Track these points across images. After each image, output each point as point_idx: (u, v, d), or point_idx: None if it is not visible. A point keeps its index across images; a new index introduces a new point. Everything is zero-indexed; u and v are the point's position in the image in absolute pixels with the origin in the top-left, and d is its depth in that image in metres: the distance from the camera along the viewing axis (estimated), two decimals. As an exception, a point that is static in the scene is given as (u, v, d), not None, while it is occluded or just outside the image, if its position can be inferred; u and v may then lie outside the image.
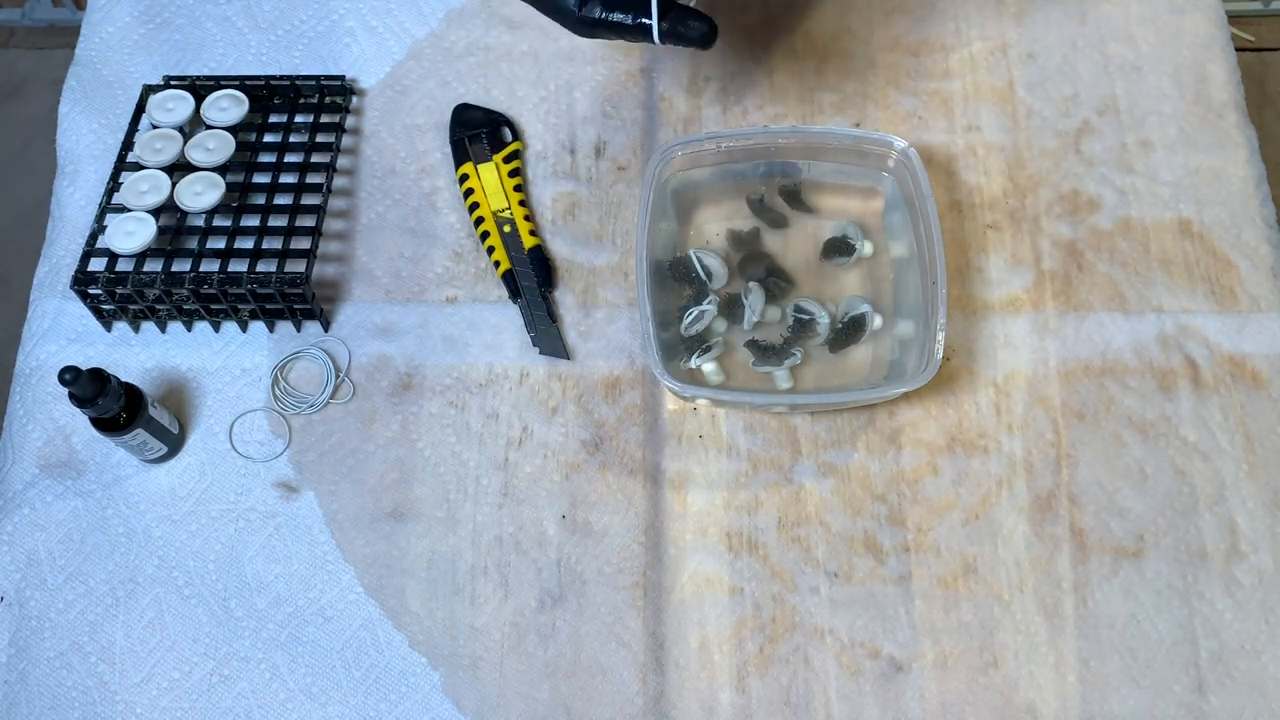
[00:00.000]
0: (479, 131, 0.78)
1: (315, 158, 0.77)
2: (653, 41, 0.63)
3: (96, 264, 0.71)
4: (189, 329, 0.74)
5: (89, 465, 0.70)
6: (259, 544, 0.68)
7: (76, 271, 0.70)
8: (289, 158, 0.77)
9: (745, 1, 0.84)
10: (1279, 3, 1.74)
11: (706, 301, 0.72)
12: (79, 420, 0.71)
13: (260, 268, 0.72)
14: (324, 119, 0.79)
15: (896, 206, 0.75)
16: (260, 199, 0.75)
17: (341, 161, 0.79)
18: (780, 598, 0.67)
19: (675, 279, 0.74)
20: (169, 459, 0.70)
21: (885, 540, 0.68)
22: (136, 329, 0.74)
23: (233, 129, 0.76)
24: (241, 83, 0.78)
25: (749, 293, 0.72)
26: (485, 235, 0.75)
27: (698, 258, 0.73)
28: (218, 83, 0.78)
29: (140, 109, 0.77)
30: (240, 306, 0.72)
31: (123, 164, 0.75)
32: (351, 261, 0.76)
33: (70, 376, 0.61)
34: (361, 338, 0.73)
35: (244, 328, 0.74)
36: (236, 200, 0.74)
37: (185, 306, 0.72)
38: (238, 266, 0.72)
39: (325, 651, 0.66)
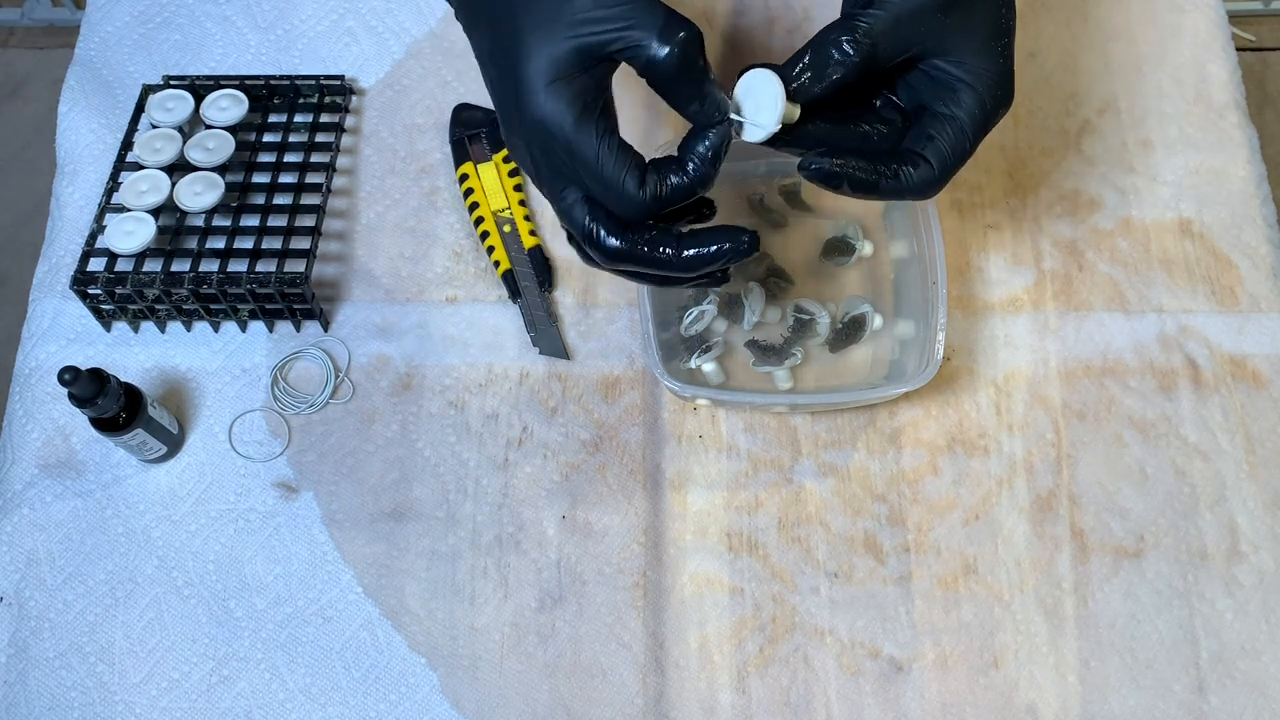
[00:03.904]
0: (479, 131, 0.78)
1: (315, 157, 0.77)
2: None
3: (96, 264, 0.71)
4: (189, 329, 0.74)
5: (88, 465, 0.70)
6: (258, 544, 0.68)
7: (76, 271, 0.70)
8: (289, 157, 0.77)
9: (745, 2, 0.84)
10: (1279, 3, 1.74)
11: (706, 301, 0.72)
12: (79, 420, 0.71)
13: (260, 268, 0.72)
14: (324, 119, 0.79)
15: (896, 206, 0.74)
16: (260, 199, 0.75)
17: (341, 161, 0.79)
18: (780, 598, 0.66)
19: (675, 279, 0.73)
20: (168, 459, 0.70)
21: (885, 540, 0.68)
22: (136, 329, 0.74)
23: (232, 129, 0.76)
24: (241, 83, 0.78)
25: (749, 293, 0.72)
26: (485, 235, 0.75)
27: (698, 258, 0.73)
28: (217, 83, 0.78)
29: (140, 109, 0.77)
30: (240, 306, 0.72)
31: (122, 164, 0.75)
32: (351, 261, 0.76)
33: (70, 376, 0.61)
34: (361, 338, 0.73)
35: (243, 328, 0.74)
36: (236, 200, 0.74)
37: (185, 306, 0.72)
38: (237, 266, 0.72)
39: (325, 652, 0.66)
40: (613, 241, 0.53)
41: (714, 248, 0.54)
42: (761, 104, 0.54)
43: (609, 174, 0.51)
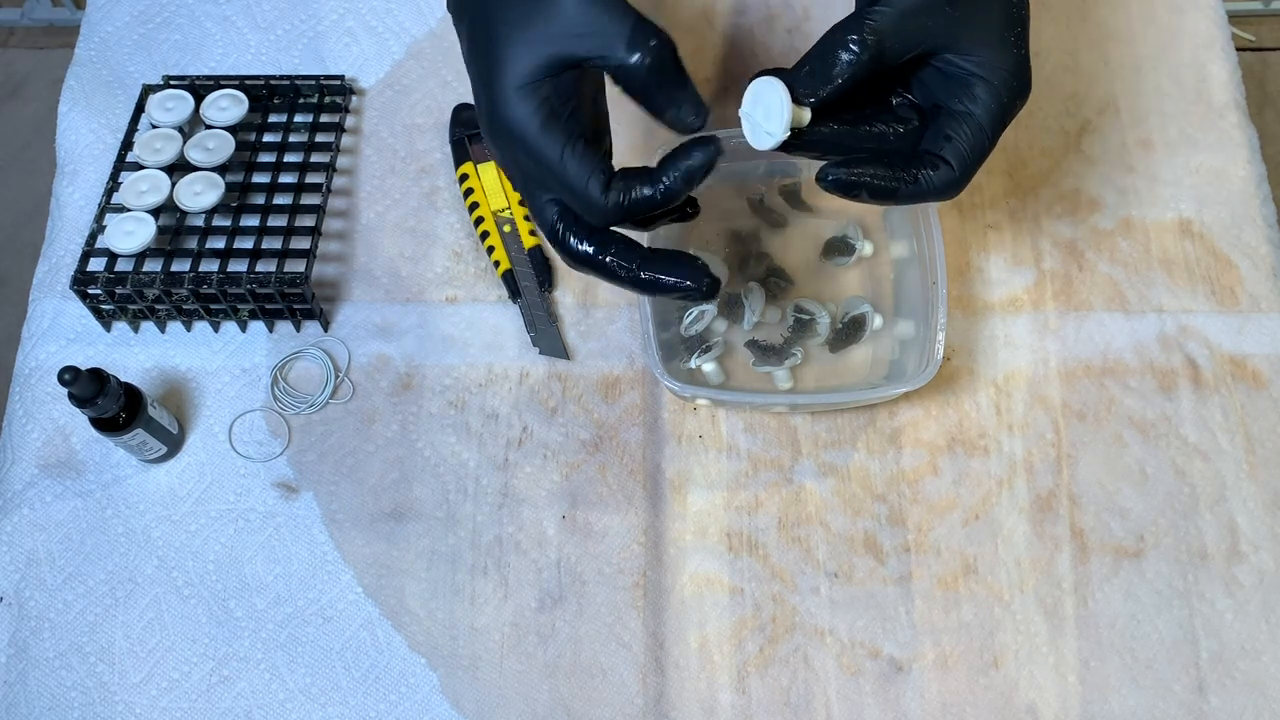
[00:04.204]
0: (479, 131, 0.78)
1: (315, 157, 0.77)
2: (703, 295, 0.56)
3: (96, 264, 0.71)
4: (188, 329, 0.74)
5: (88, 465, 0.70)
6: (258, 544, 0.68)
7: (76, 271, 0.70)
8: (289, 157, 0.77)
9: (745, 2, 0.84)
10: (1279, 3, 1.74)
11: (706, 301, 0.72)
12: (79, 420, 0.71)
13: (260, 268, 0.72)
14: (324, 119, 0.79)
15: (897, 207, 0.74)
16: (260, 199, 0.75)
17: (341, 161, 0.79)
18: (780, 598, 0.66)
19: (675, 279, 0.73)
20: (168, 459, 0.70)
21: (885, 540, 0.68)
22: (136, 329, 0.74)
23: (232, 129, 0.76)
24: (241, 82, 0.78)
25: (749, 293, 0.72)
26: (485, 235, 0.75)
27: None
28: (217, 82, 0.78)
29: (140, 109, 0.77)
30: (240, 306, 0.72)
31: (122, 164, 0.75)
32: (351, 261, 0.76)
33: (70, 376, 0.61)
34: (361, 338, 0.73)
35: (243, 328, 0.74)
36: (236, 200, 0.74)
37: (185, 306, 0.72)
38: (237, 266, 0.72)
39: (325, 652, 0.66)
40: (579, 246, 0.54)
41: (672, 279, 0.54)
42: (770, 111, 0.54)
43: (572, 179, 0.51)
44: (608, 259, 0.54)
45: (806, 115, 0.54)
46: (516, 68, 0.51)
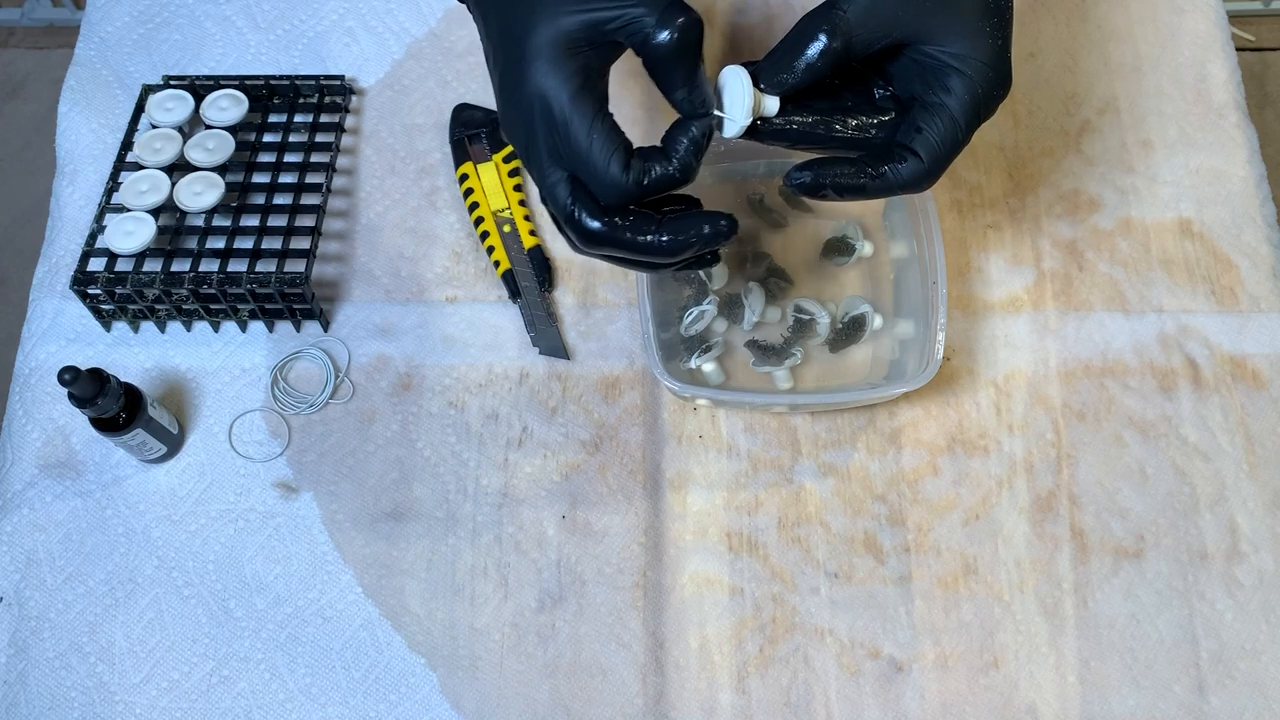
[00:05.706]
0: (479, 131, 0.78)
1: (315, 157, 0.77)
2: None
3: (96, 264, 0.71)
4: (188, 329, 0.74)
5: (88, 465, 0.70)
6: (258, 544, 0.68)
7: (76, 271, 0.70)
8: (288, 157, 0.77)
9: (745, 1, 0.84)
10: (1279, 3, 1.74)
11: (706, 301, 0.72)
12: (78, 420, 0.71)
13: (260, 268, 0.72)
14: (323, 119, 0.79)
15: (896, 206, 0.74)
16: (260, 199, 0.75)
17: (341, 161, 0.79)
18: (780, 598, 0.66)
19: (675, 279, 0.73)
20: (168, 459, 0.70)
21: (885, 540, 0.68)
22: (136, 329, 0.74)
23: (232, 129, 0.76)
24: (241, 83, 0.78)
25: (749, 293, 0.72)
26: (485, 235, 0.75)
27: (698, 258, 0.73)
28: (217, 83, 0.78)
29: (140, 109, 0.77)
30: (240, 306, 0.72)
31: (122, 164, 0.75)
32: (351, 261, 0.76)
33: (69, 376, 0.61)
34: (361, 338, 0.73)
35: (243, 328, 0.74)
36: (236, 200, 0.74)
37: (185, 306, 0.72)
38: (237, 266, 0.72)
39: (324, 652, 0.66)
40: (593, 224, 0.53)
41: (691, 232, 0.53)
42: (734, 99, 0.54)
43: (597, 152, 0.51)
44: (626, 234, 0.53)
45: (774, 104, 0.54)
46: (552, 35, 0.50)
